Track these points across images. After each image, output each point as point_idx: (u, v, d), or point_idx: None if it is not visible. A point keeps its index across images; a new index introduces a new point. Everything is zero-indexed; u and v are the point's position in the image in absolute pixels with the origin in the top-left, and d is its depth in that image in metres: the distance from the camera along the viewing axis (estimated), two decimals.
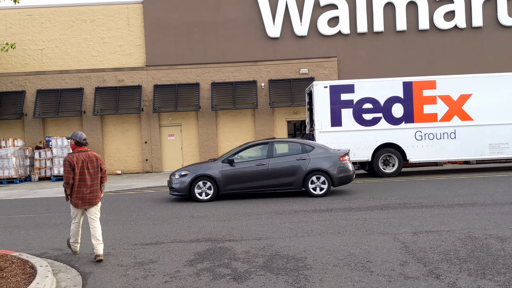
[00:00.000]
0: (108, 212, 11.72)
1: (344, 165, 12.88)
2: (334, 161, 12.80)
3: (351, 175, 13.01)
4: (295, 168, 12.74)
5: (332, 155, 12.92)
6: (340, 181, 12.87)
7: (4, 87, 23.66)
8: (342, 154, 12.97)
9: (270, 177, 12.76)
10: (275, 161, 12.83)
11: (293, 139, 13.65)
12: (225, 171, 12.82)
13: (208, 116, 23.61)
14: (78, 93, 23.59)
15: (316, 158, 12.80)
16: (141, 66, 23.85)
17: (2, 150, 20.96)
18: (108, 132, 23.98)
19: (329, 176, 12.75)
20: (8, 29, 23.79)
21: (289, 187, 12.84)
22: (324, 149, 13.09)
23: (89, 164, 7.23)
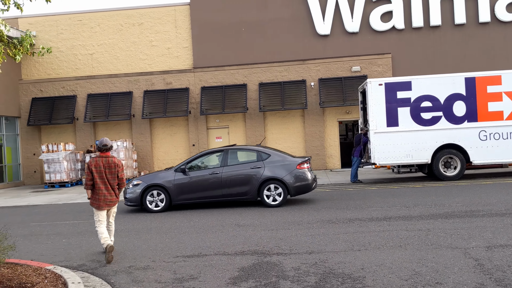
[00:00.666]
0: (151, 218, 11.30)
1: (301, 173, 12.05)
2: (290, 169, 12.02)
3: (309, 184, 12.14)
4: (249, 177, 12.07)
5: (288, 163, 12.12)
6: (297, 190, 12.07)
7: (56, 92, 24.01)
8: (299, 162, 12.14)
9: (223, 186, 12.16)
10: (229, 170, 12.21)
11: (250, 146, 12.95)
12: (177, 181, 12.25)
13: (255, 118, 23.01)
14: (127, 96, 23.60)
15: (271, 166, 12.06)
16: (189, 68, 23.57)
17: (54, 154, 21.20)
18: (157, 135, 23.85)
19: (284, 185, 11.97)
20: (59, 34, 24.14)
21: (244, 196, 12.20)
22: (281, 156, 12.32)
23: (107, 169, 7.73)
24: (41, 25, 24.16)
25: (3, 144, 23.07)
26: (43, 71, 24.24)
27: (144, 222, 10.95)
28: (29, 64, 24.26)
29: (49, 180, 21.34)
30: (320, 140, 22.77)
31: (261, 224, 9.89)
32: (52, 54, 24.11)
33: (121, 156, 21.22)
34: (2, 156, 22.96)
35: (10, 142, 23.77)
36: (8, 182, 23.03)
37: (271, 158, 12.20)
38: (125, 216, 11.86)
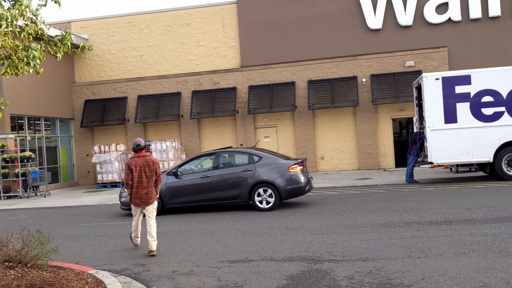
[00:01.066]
0: (198, 219, 11.05)
1: (293, 176, 11.60)
2: (281, 172, 11.60)
3: (301, 187, 11.67)
4: (240, 180, 11.72)
5: (280, 165, 11.71)
6: (288, 193, 11.66)
7: (108, 93, 24.42)
8: (291, 164, 11.72)
9: (214, 190, 11.86)
10: (220, 173, 11.94)
11: (242, 149, 12.65)
12: (169, 184, 12.01)
13: (304, 116, 22.46)
14: (175, 97, 23.66)
15: (262, 169, 11.69)
16: (236, 68, 23.34)
17: (106, 155, 21.51)
18: (205, 135, 23.77)
19: (276, 188, 11.55)
20: (110, 37, 24.53)
21: (235, 200, 11.86)
22: (272, 159, 11.93)
23: (146, 168, 8.11)
24: (92, 28, 24.64)
25: (58, 145, 23.69)
26: (95, 73, 24.72)
27: (189, 223, 10.71)
28: (81, 67, 24.80)
29: (101, 180, 21.69)
30: (372, 138, 21.94)
31: (311, 227, 9.41)
32: (103, 56, 24.55)
33: (170, 156, 21.26)
34: (57, 157, 23.57)
35: (64, 143, 24.38)
36: (63, 183, 23.62)
37: (262, 161, 11.84)
38: (171, 217, 11.69)
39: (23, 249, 6.29)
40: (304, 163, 12.17)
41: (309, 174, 12.33)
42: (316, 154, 22.51)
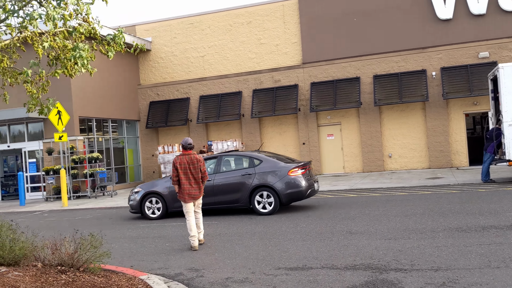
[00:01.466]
0: (256, 222, 10.68)
1: (293, 180, 11.36)
2: (281, 176, 11.40)
3: (302, 191, 11.40)
4: (240, 184, 11.60)
5: (279, 169, 11.51)
6: (288, 197, 11.44)
7: (171, 95, 24.71)
8: (291, 168, 11.46)
9: (215, 193, 11.78)
10: (221, 177, 11.87)
11: (243, 153, 12.48)
12: (170, 188, 12.02)
13: (370, 113, 21.54)
14: (236, 96, 23.51)
15: (262, 173, 11.53)
16: (298, 64, 22.82)
17: (170, 155, 21.72)
18: (266, 134, 23.45)
19: (275, 192, 11.33)
20: (173, 39, 24.80)
21: (236, 204, 11.76)
22: (273, 162, 11.72)
23: (191, 165, 8.48)
24: (156, 30, 25.03)
25: (124, 146, 24.27)
26: (159, 75, 25.09)
27: (248, 225, 10.37)
28: (146, 70, 25.26)
29: None
30: (444, 135, 20.64)
31: (377, 231, 8.76)
32: (166, 58, 24.86)
33: None
34: (124, 157, 24.16)
35: (131, 144, 24.95)
36: (130, 182, 24.16)
37: (262, 164, 11.68)
38: (230, 219, 11.41)
39: (75, 253, 6.17)
40: (308, 166, 11.91)
41: (313, 178, 12.05)
42: (383, 152, 21.53)
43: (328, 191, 15.60)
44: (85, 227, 11.85)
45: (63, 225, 12.82)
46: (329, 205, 12.48)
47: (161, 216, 12.24)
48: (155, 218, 12.23)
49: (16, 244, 6.47)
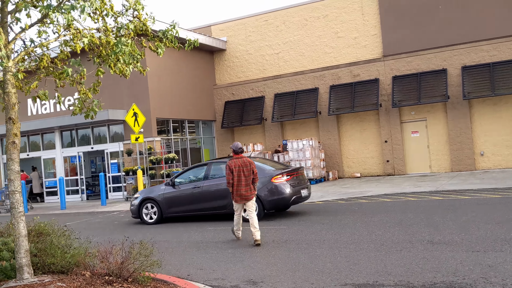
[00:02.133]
0: (329, 227, 9.88)
1: (276, 186, 11.24)
2: (264, 183, 11.25)
3: (285, 198, 11.26)
4: (226, 191, 11.32)
5: (263, 176, 11.27)
6: (271, 204, 11.34)
7: (246, 94, 24.41)
8: (274, 175, 11.33)
9: (204, 200, 12.04)
10: (209, 184, 12.06)
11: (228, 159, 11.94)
12: (166, 194, 12.54)
13: (459, 107, 19.78)
14: (312, 93, 22.68)
15: None
16: (378, 57, 21.54)
17: (245, 154, 21.39)
18: (345, 132, 22.39)
19: (258, 199, 11.07)
20: (248, 37, 24.49)
21: (223, 210, 11.79)
22: (258, 169, 10.81)
23: (244, 168, 9.02)
24: (231, 30, 24.86)
25: (201, 146, 24.35)
26: (234, 74, 24.90)
27: (319, 232, 9.60)
28: (221, 70, 25.17)
29: None
30: None
31: (463, 241, 7.65)
32: (241, 57, 24.61)
33: (307, 155, 20.33)
34: (201, 157, 24.22)
35: (207, 144, 25.00)
36: None
37: None
38: (299, 224, 10.70)
39: (123, 262, 5.81)
40: (296, 172, 11.80)
41: (303, 184, 11.87)
42: (474, 150, 19.68)
43: (410, 193, 14.38)
44: (151, 230, 11.72)
45: (131, 228, 12.81)
46: (410, 209, 11.37)
47: (157, 221, 12.70)
48: (152, 223, 12.71)
49: (69, 251, 6.24)
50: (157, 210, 12.66)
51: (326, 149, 22.36)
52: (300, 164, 20.41)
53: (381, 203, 12.90)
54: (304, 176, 12.43)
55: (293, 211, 12.74)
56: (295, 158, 20.72)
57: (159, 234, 11.04)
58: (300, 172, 12.07)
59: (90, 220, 15.24)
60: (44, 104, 22.73)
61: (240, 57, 24.71)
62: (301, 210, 12.71)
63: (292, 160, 20.75)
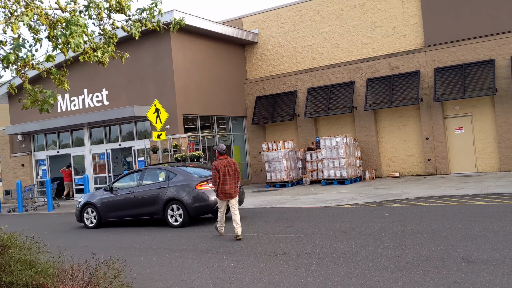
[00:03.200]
0: (351, 237, 8.71)
1: (200, 193, 11.57)
2: (189, 190, 11.62)
3: (209, 205, 11.57)
4: (155, 197, 11.93)
5: (189, 182, 11.72)
6: (196, 211, 11.64)
7: (278, 88, 23.35)
8: (199, 182, 11.66)
9: (137, 205, 12.25)
10: (141, 190, 12.31)
11: (162, 166, 12.72)
12: (104, 199, 12.88)
13: (508, 101, 17.98)
14: (348, 87, 21.35)
15: (174, 187, 11.84)
16: (418, 48, 19.97)
17: (274, 152, 20.39)
18: (383, 128, 20.95)
19: (183, 205, 11.51)
20: (280, 29, 23.41)
21: (154, 216, 12.05)
22: (185, 176, 11.95)
23: (229, 168, 9.63)
24: (262, 21, 23.84)
25: (231, 143, 23.50)
26: (265, 68, 23.88)
27: (338, 243, 8.46)
28: (253, 63, 24.21)
29: (270, 180, 20.65)
30: None
31: (505, 260, 6.37)
32: (273, 50, 23.56)
33: (341, 153, 19.06)
34: (231, 155, 23.38)
35: (238, 141, 24.12)
36: None
37: (176, 178, 11.97)
38: (319, 232, 9.60)
39: (88, 285, 4.94)
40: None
41: None
42: None
43: (450, 196, 12.95)
44: (154, 234, 10.92)
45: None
46: (447, 216, 10.03)
47: (96, 226, 13.06)
48: (92, 227, 13.09)
49: (34, 268, 5.44)
50: (96, 214, 13.01)
51: (363, 146, 21.01)
52: (333, 162, 19.21)
53: (415, 208, 11.58)
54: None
55: (316, 215, 11.64)
56: (328, 156, 19.50)
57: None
58: None
59: None
60: (73, 100, 22.49)
61: (272, 50, 23.65)
62: (325, 214, 11.60)
63: (325, 158, 19.54)
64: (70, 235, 12.58)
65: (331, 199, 14.56)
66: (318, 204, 13.68)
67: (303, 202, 14.44)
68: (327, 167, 19.53)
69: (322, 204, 13.71)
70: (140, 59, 20.50)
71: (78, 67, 21.90)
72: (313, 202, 14.33)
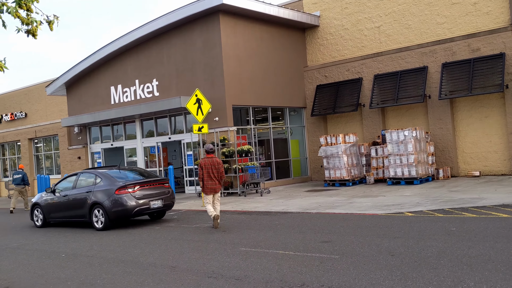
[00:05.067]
0: (398, 263, 6.67)
1: (118, 198, 11.90)
2: (109, 194, 12.00)
3: (127, 209, 11.87)
4: (84, 200, 12.47)
5: (110, 187, 12.07)
6: (114, 215, 11.95)
7: (340, 76, 21.17)
8: (118, 187, 11.96)
9: (70, 208, 12.84)
10: (74, 193, 12.80)
11: (92, 171, 13.13)
12: (47, 201, 13.53)
13: None
14: (420, 73, 18.76)
15: (98, 191, 12.27)
16: (504, 26, 16.99)
17: (333, 147, 18.33)
18: (460, 120, 18.17)
19: (104, 209, 11.96)
20: (343, 10, 21.17)
21: (83, 219, 12.55)
22: (109, 181, 12.30)
23: (212, 166, 10.87)
24: (324, 3, 21.72)
25: (287, 137, 21.69)
26: (328, 54, 21.76)
27: (378, 272, 6.47)
28: (313, 49, 22.18)
29: (329, 177, 18.64)
30: None
31: None
32: (336, 33, 21.39)
33: (409, 148, 16.63)
34: (287, 150, 21.59)
35: (296, 134, 22.29)
36: (294, 177, 21.54)
37: (101, 182, 12.37)
38: (361, 251, 7.62)
39: None
40: (150, 184, 12.38)
41: (156, 196, 12.30)
42: None
43: None
44: (183, 243, 9.45)
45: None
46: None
47: (42, 225, 13.73)
48: (40, 226, 13.76)
49: None
50: (42, 215, 13.69)
51: (437, 141, 18.38)
52: (400, 159, 16.84)
53: (492, 220, 9.19)
54: (165, 186, 12.79)
55: (366, 226, 9.62)
56: (395, 152, 17.15)
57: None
58: (157, 183, 12.60)
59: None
60: (125, 92, 21.77)
61: (334, 33, 21.48)
62: (377, 226, 9.53)
63: (391, 154, 17.21)
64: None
65: (391, 204, 12.39)
66: (373, 211, 11.59)
67: (357, 207, 12.39)
68: (394, 164, 17.18)
69: (378, 210, 11.61)
70: (191, 47, 19.24)
71: (131, 56, 21.15)
72: (369, 207, 12.23)
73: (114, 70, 22.16)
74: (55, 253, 9.70)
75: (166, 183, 12.88)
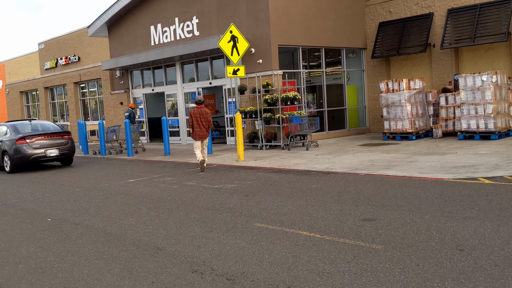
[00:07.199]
0: (460, 269, 4.51)
1: (18, 147, 14.34)
2: (12, 144, 14.45)
3: (25, 156, 14.27)
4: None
5: (12, 138, 14.54)
6: (15, 161, 14.44)
7: (407, 11, 18.10)
8: (18, 138, 14.39)
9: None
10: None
11: (6, 123, 15.53)
12: None
13: None
14: (504, 6, 15.43)
15: (6, 141, 14.73)
16: None
17: (395, 94, 15.72)
18: None
19: (9, 156, 14.51)
20: None
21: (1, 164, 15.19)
22: (15, 132, 14.73)
23: (201, 116, 11.95)
24: None
25: (343, 82, 19.12)
26: None
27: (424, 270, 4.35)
28: None
29: (389, 129, 16.15)
30: None
31: None
32: None
33: (487, 96, 13.78)
34: (343, 97, 19.10)
35: (354, 80, 19.69)
36: (350, 129, 19.14)
37: (9, 134, 14.85)
38: (411, 243, 5.46)
39: None
40: (49, 135, 14.72)
41: (54, 146, 14.62)
42: None
43: None
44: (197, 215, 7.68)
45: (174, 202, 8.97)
46: None
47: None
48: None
49: None
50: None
51: None
52: (476, 109, 14.04)
53: None
54: (64, 138, 14.96)
55: (426, 197, 7.35)
56: (469, 101, 14.32)
57: None
58: (55, 135, 14.85)
59: (154, 178, 11.88)
60: (165, 31, 19.92)
61: None
62: (441, 196, 7.26)
63: (465, 103, 14.40)
64: None
65: (461, 165, 9.95)
66: (437, 174, 9.23)
67: (418, 169, 10.03)
68: (467, 115, 14.40)
69: (444, 173, 9.23)
70: None
71: None
72: (433, 169, 9.84)
73: (154, 8, 20.29)
74: None
75: (65, 135, 14.94)
